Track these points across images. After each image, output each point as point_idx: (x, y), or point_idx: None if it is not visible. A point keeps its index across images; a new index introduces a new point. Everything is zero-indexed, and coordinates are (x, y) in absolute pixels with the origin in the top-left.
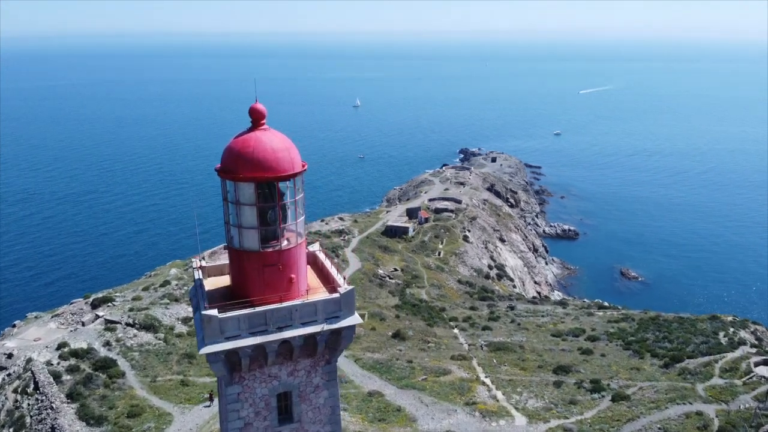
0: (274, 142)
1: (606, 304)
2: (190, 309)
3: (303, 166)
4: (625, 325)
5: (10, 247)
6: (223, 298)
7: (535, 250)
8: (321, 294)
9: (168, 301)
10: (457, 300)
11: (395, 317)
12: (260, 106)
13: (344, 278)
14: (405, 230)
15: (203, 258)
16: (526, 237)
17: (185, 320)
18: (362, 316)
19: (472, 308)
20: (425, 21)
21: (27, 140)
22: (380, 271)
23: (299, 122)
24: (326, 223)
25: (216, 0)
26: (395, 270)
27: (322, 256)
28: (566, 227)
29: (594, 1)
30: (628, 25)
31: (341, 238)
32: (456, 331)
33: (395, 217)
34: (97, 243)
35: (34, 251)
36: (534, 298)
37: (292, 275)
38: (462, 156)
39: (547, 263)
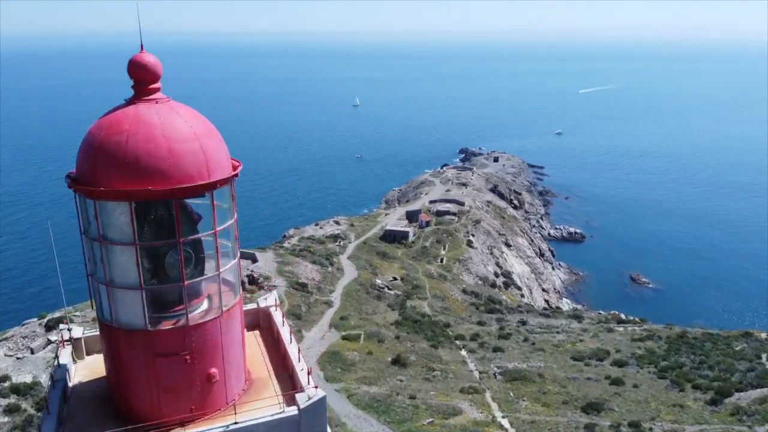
0: (173, 126)
1: (623, 316)
2: None
3: (234, 168)
4: (651, 344)
5: None
6: (98, 405)
7: (542, 255)
8: (266, 403)
9: None
10: (462, 313)
11: (395, 338)
12: (148, 58)
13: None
14: (405, 235)
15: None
16: (532, 241)
17: None
18: (358, 337)
19: (480, 323)
20: (425, 21)
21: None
22: (378, 281)
23: (298, 122)
24: (321, 227)
25: (215, 0)
26: (394, 279)
27: (278, 318)
28: (572, 230)
29: (593, 1)
30: (628, 25)
31: (337, 243)
32: (464, 353)
33: (394, 220)
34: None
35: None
36: (545, 309)
37: (212, 370)
38: (462, 156)
39: (553, 268)
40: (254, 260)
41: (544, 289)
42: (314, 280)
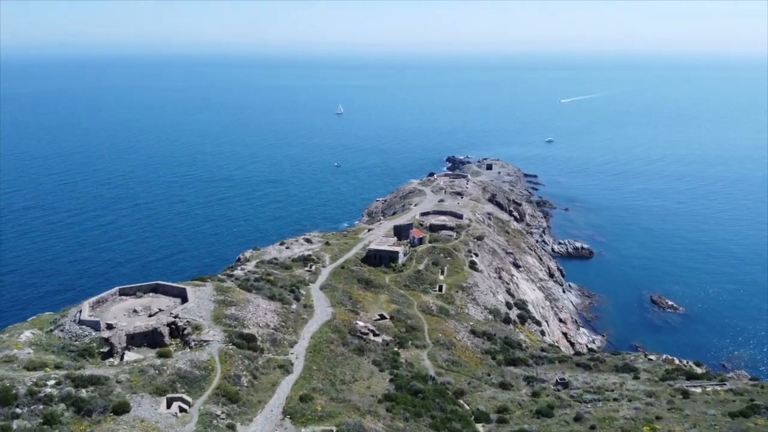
0: None
1: (681, 361)
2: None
3: None
4: (764, 423)
5: None
6: None
7: (551, 276)
8: None
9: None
10: (477, 368)
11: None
12: None
13: None
14: (393, 256)
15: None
16: (541, 260)
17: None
18: None
19: (504, 386)
20: (407, 32)
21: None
22: (360, 324)
23: (274, 130)
24: (287, 247)
25: (212, 11)
26: (382, 318)
27: None
28: (578, 245)
29: (570, 12)
30: (608, 36)
31: (306, 268)
32: None
33: (380, 237)
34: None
35: None
36: (578, 354)
37: None
38: (449, 165)
39: (564, 291)
40: (184, 299)
41: (561, 320)
42: (268, 327)
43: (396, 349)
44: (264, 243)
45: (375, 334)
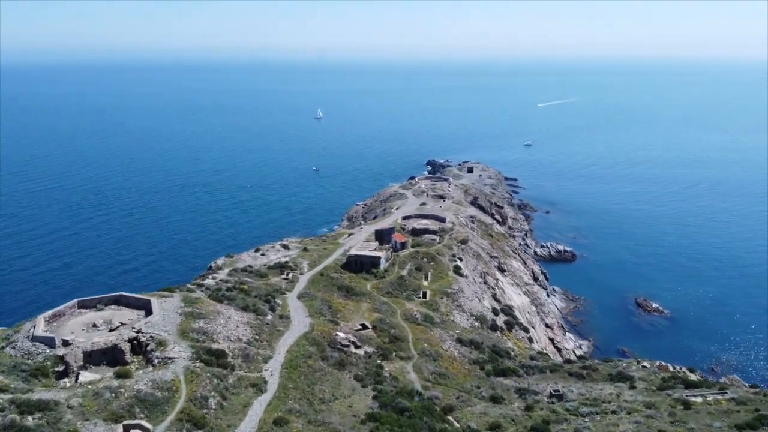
0: None
1: (674, 368)
2: None
3: None
4: None
5: None
6: None
7: (536, 279)
8: None
9: None
10: (465, 380)
11: None
12: None
13: None
14: (375, 261)
15: None
16: (525, 263)
17: None
18: None
19: (495, 399)
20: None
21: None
22: (340, 335)
23: (252, 136)
24: (262, 254)
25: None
26: (364, 328)
27: None
28: (560, 248)
29: (545, 19)
30: (581, 41)
31: (283, 276)
32: None
33: (360, 242)
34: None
35: None
36: (569, 363)
37: None
38: (430, 168)
39: (548, 295)
40: (148, 312)
41: (547, 325)
42: (240, 341)
43: (379, 361)
44: (239, 250)
45: (356, 346)
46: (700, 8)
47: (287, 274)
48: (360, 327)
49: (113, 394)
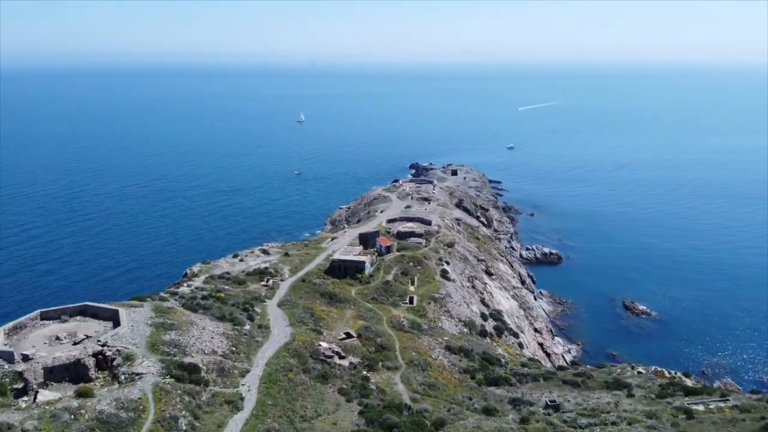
0: None
1: (670, 373)
2: None
3: None
4: None
5: None
6: None
7: (523, 282)
8: None
9: None
10: (456, 391)
11: None
12: None
13: None
14: (359, 266)
15: None
16: (512, 266)
17: None
18: None
19: (488, 411)
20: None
21: None
22: (323, 345)
23: (233, 140)
24: (241, 260)
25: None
26: (348, 336)
27: None
28: (546, 250)
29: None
30: (562, 44)
31: (263, 283)
32: None
33: (344, 246)
34: None
35: None
36: (563, 369)
37: None
38: (414, 171)
39: (536, 298)
40: (116, 323)
41: (536, 329)
42: (215, 353)
43: (365, 372)
44: (217, 256)
45: (341, 357)
46: (696, 11)
47: (267, 281)
48: (344, 336)
49: (72, 416)
